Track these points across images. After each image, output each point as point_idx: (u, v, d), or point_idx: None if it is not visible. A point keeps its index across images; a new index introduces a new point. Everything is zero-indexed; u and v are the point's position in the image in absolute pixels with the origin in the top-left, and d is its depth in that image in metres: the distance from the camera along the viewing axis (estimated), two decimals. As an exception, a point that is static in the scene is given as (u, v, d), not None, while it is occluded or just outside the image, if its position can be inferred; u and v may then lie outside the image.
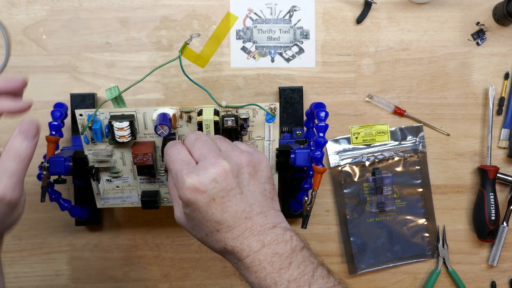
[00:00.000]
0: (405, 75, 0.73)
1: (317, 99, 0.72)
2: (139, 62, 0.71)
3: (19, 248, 0.72)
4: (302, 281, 0.44)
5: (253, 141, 0.57)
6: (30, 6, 0.71)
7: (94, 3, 0.71)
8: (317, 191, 0.59)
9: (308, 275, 0.44)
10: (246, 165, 0.47)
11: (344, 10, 0.72)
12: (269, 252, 0.45)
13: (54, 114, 0.63)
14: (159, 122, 0.53)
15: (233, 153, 0.47)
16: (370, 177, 0.73)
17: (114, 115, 0.55)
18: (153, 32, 0.71)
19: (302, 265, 0.45)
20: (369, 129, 0.73)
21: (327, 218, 0.74)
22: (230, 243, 0.46)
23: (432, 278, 0.73)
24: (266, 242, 0.45)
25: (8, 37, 0.71)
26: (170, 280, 0.73)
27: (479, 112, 0.74)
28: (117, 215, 0.73)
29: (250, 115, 0.55)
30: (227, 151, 0.48)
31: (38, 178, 0.60)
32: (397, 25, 0.73)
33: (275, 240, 0.46)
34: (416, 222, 0.74)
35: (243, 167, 0.47)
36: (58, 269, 0.72)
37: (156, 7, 0.71)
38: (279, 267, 0.44)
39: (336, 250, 0.74)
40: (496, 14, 0.72)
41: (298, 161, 0.59)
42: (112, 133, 0.54)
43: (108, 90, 0.55)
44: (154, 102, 0.72)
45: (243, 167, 0.47)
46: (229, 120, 0.54)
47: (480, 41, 0.73)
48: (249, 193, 0.47)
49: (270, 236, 0.46)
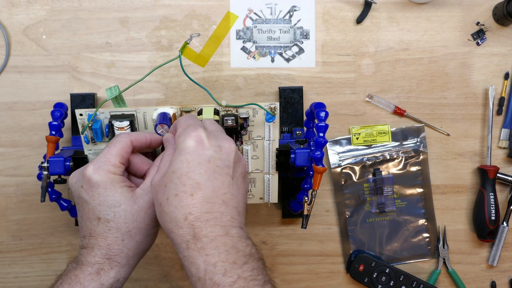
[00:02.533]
0: (405, 75, 0.73)
1: (317, 99, 0.72)
2: (139, 62, 0.71)
3: (19, 248, 0.72)
4: (252, 285, 0.42)
5: (253, 141, 0.57)
6: (30, 6, 0.71)
7: (94, 3, 0.71)
8: (317, 191, 0.59)
9: (258, 282, 0.43)
10: (243, 165, 0.49)
11: (344, 10, 0.72)
12: (230, 242, 0.43)
13: (54, 114, 0.63)
14: (159, 122, 0.53)
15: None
16: (371, 178, 0.73)
17: (114, 115, 0.55)
18: (153, 32, 0.71)
19: (256, 271, 0.43)
20: (370, 129, 0.73)
21: (327, 218, 0.74)
22: (197, 212, 0.44)
23: (432, 279, 0.73)
24: (230, 233, 0.44)
25: (8, 37, 0.71)
26: (170, 280, 0.73)
27: (479, 112, 0.74)
28: (117, 215, 0.73)
29: (250, 115, 0.55)
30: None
31: (38, 178, 0.60)
32: (397, 25, 0.73)
33: (239, 237, 0.45)
34: (416, 222, 0.74)
35: (242, 164, 0.49)
36: (58, 269, 0.72)
37: (156, 7, 0.71)
38: (233, 260, 0.43)
39: (336, 250, 0.74)
40: (496, 14, 0.72)
41: (298, 161, 0.59)
42: (113, 132, 0.54)
43: (108, 89, 0.55)
44: (154, 102, 0.72)
45: (242, 163, 0.49)
46: (229, 120, 0.54)
47: (480, 41, 0.73)
48: (236, 185, 0.47)
49: (235, 230, 0.45)
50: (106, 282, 0.47)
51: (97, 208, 0.48)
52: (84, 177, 0.48)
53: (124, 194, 0.48)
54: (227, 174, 0.46)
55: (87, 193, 0.48)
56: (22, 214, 0.72)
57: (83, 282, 0.46)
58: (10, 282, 0.72)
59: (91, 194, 0.48)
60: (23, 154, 0.71)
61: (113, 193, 0.48)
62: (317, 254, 0.74)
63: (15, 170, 0.71)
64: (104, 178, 0.48)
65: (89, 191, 0.48)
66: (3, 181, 0.71)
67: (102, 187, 0.47)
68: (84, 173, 0.48)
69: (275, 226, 0.73)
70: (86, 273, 0.47)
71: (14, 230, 0.72)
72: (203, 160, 0.45)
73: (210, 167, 0.45)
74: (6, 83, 0.71)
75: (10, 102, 0.71)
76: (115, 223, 0.48)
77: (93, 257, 0.47)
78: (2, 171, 0.71)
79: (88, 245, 0.48)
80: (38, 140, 0.71)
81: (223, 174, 0.46)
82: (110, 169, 0.48)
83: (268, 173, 0.60)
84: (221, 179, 0.46)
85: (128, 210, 0.48)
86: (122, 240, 0.48)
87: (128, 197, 0.48)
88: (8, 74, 0.71)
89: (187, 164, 0.45)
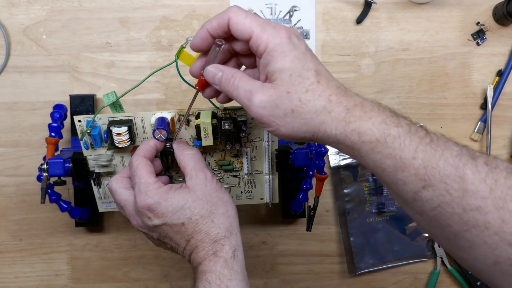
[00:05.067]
0: (405, 75, 0.73)
1: (317, 99, 0.72)
2: (139, 62, 0.71)
3: (19, 248, 0.72)
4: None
5: (252, 143, 0.57)
6: (30, 6, 0.71)
7: (94, 3, 0.71)
8: (319, 196, 0.61)
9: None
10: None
11: (344, 10, 0.72)
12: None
13: (54, 115, 0.63)
14: (157, 127, 0.53)
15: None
16: (370, 177, 0.73)
17: (112, 121, 0.55)
18: (153, 32, 0.71)
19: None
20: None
21: (327, 218, 0.74)
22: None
23: (432, 279, 0.73)
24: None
25: (8, 37, 0.71)
26: (170, 280, 0.73)
27: (479, 112, 0.74)
28: (117, 216, 0.73)
29: (248, 117, 0.55)
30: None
31: (38, 179, 0.60)
32: (397, 25, 0.72)
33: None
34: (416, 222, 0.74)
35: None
36: (58, 269, 0.73)
37: (156, 7, 0.71)
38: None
39: (336, 250, 0.74)
40: (496, 14, 0.72)
41: (298, 161, 0.59)
42: (111, 138, 0.54)
43: (105, 95, 0.55)
44: (154, 102, 0.72)
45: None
46: (226, 123, 0.54)
47: (480, 41, 0.73)
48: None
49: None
50: (226, 255, 0.48)
51: (174, 219, 0.48)
52: (141, 210, 0.49)
53: (181, 192, 0.49)
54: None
55: (158, 218, 0.48)
56: (22, 214, 0.72)
57: (214, 270, 0.47)
58: (10, 282, 0.72)
59: (160, 215, 0.48)
60: (23, 154, 0.71)
61: (173, 198, 0.48)
62: (317, 254, 0.74)
63: (15, 170, 0.71)
64: (157, 196, 0.48)
65: (156, 214, 0.48)
66: (3, 181, 0.72)
67: (163, 203, 0.48)
68: (139, 208, 0.49)
69: (275, 226, 0.73)
70: (207, 262, 0.47)
71: (14, 230, 0.72)
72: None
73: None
74: (6, 83, 0.71)
75: (10, 102, 0.71)
76: (195, 215, 0.48)
77: (202, 250, 0.48)
78: (2, 171, 0.71)
79: (192, 248, 0.49)
80: (38, 140, 0.71)
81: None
82: (154, 187, 0.49)
83: (268, 174, 0.60)
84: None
85: (195, 199, 0.49)
86: (212, 221, 0.49)
87: (186, 191, 0.49)
88: (8, 74, 0.71)
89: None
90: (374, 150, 0.40)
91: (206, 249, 0.48)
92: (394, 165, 0.39)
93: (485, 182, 0.36)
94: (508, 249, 0.35)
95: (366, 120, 0.40)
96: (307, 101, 0.41)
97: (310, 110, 0.41)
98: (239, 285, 0.47)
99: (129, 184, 0.52)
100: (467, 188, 0.36)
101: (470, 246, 0.38)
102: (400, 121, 0.40)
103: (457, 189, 0.37)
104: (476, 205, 0.36)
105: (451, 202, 0.37)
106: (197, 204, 0.48)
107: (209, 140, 0.54)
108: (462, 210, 0.37)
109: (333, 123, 0.41)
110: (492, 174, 0.36)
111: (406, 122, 0.40)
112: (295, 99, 0.41)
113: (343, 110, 0.41)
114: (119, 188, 0.51)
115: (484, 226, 0.36)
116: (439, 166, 0.38)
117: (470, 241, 0.37)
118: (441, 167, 0.38)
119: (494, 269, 0.37)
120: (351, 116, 0.40)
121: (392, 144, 0.39)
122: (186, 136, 0.56)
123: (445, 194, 0.37)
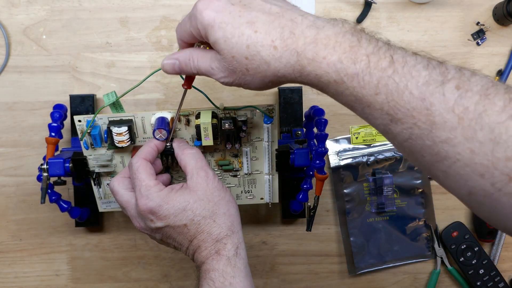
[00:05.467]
0: (405, 75, 0.73)
1: (317, 99, 0.72)
2: (139, 62, 0.71)
3: (19, 248, 0.72)
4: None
5: (252, 143, 0.57)
6: (30, 6, 0.71)
7: (94, 3, 0.71)
8: (319, 196, 0.61)
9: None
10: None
11: (344, 10, 0.72)
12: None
13: (54, 115, 0.63)
14: (157, 127, 0.53)
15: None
16: (370, 177, 0.73)
17: (112, 120, 0.55)
18: (153, 32, 0.71)
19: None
20: (370, 129, 0.73)
21: (327, 218, 0.74)
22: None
23: (432, 279, 0.73)
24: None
25: (8, 37, 0.71)
26: (170, 280, 0.73)
27: (479, 112, 0.73)
28: (117, 216, 0.73)
29: (248, 117, 0.55)
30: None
31: (38, 179, 0.60)
32: (397, 25, 0.72)
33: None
34: (416, 222, 0.74)
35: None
36: (58, 269, 0.73)
37: (156, 7, 0.71)
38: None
39: (336, 250, 0.74)
40: (496, 14, 0.72)
41: (298, 161, 0.59)
42: (111, 138, 0.54)
43: (105, 95, 0.55)
44: (154, 102, 0.72)
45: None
46: (226, 123, 0.54)
47: (480, 41, 0.73)
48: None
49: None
50: (228, 254, 0.48)
51: (176, 220, 0.48)
52: (144, 213, 0.48)
53: (182, 193, 0.49)
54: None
55: (160, 220, 0.48)
56: (22, 214, 0.72)
57: (217, 268, 0.47)
58: (10, 282, 0.72)
59: (162, 217, 0.48)
60: (23, 154, 0.71)
61: (175, 200, 0.48)
62: (317, 254, 0.74)
63: (15, 170, 0.71)
64: (159, 199, 0.48)
65: (159, 217, 0.48)
66: (3, 181, 0.71)
67: (164, 206, 0.48)
68: (141, 211, 0.48)
69: (275, 226, 0.73)
70: (210, 260, 0.48)
71: (14, 230, 0.72)
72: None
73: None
74: (6, 83, 0.71)
75: (10, 102, 0.71)
76: (197, 216, 0.48)
77: (205, 250, 0.48)
78: (2, 171, 0.71)
79: (195, 248, 0.49)
80: (38, 140, 0.71)
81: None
82: (155, 189, 0.49)
83: (268, 174, 0.60)
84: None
85: (196, 199, 0.49)
86: (214, 221, 0.49)
87: (187, 192, 0.49)
88: (8, 74, 0.71)
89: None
90: (337, 91, 0.39)
91: (209, 249, 0.48)
92: (359, 102, 0.38)
93: (454, 112, 0.34)
94: (480, 180, 0.34)
95: (319, 62, 0.38)
96: (253, 56, 0.40)
97: (260, 63, 0.40)
98: (242, 282, 0.47)
99: (130, 185, 0.52)
100: (434, 120, 0.34)
101: (445, 176, 0.36)
102: (358, 54, 0.37)
103: (425, 122, 0.35)
104: (445, 136, 0.34)
105: (421, 135, 0.35)
106: (198, 205, 0.48)
107: (209, 140, 0.54)
108: (432, 143, 0.35)
109: (288, 69, 0.39)
110: (462, 101, 0.34)
111: (367, 52, 0.37)
112: (241, 59, 0.40)
113: (293, 54, 0.39)
114: (120, 190, 0.51)
115: (454, 157, 0.34)
116: (404, 100, 0.35)
117: (444, 171, 0.36)
118: (406, 101, 0.35)
119: (470, 198, 0.35)
120: (303, 59, 0.38)
121: (351, 83, 0.37)
122: (186, 136, 0.56)
123: (413, 127, 0.36)
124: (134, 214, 0.50)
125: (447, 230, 0.73)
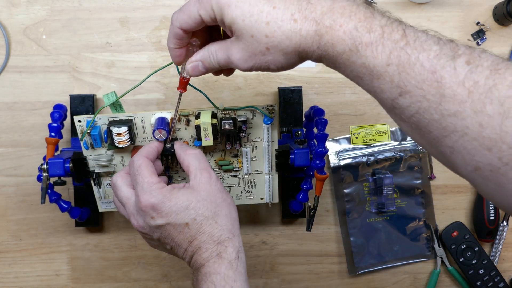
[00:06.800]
0: (405, 75, 0.73)
1: (317, 99, 0.72)
2: (139, 62, 0.71)
3: (19, 248, 0.72)
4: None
5: (252, 143, 0.57)
6: (30, 6, 0.71)
7: (94, 3, 0.71)
8: (319, 196, 0.61)
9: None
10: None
11: (344, 10, 0.72)
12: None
13: (54, 115, 0.63)
14: (157, 127, 0.53)
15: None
16: (370, 177, 0.73)
17: (112, 121, 0.55)
18: (153, 32, 0.71)
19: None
20: (369, 129, 0.73)
21: (327, 218, 0.74)
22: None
23: (432, 279, 0.73)
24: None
25: (8, 37, 0.71)
26: (170, 280, 0.73)
27: (479, 112, 0.73)
28: (117, 216, 0.73)
29: (248, 117, 0.55)
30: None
31: (38, 179, 0.60)
32: (397, 25, 0.72)
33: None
34: (416, 222, 0.74)
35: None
36: (58, 269, 0.73)
37: (156, 7, 0.71)
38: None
39: (336, 250, 0.74)
40: (496, 14, 0.72)
41: (298, 161, 0.59)
42: (111, 138, 0.54)
43: (105, 96, 0.55)
44: (154, 102, 0.72)
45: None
46: (226, 123, 0.54)
47: (480, 41, 0.73)
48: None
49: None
50: (230, 257, 0.48)
51: (178, 218, 0.48)
52: (145, 209, 0.48)
53: (185, 192, 0.49)
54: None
55: (162, 218, 0.48)
56: (22, 214, 0.72)
57: (219, 272, 0.47)
58: (10, 282, 0.72)
59: (164, 214, 0.48)
60: (23, 154, 0.71)
61: (178, 198, 0.48)
62: (317, 254, 0.74)
63: (15, 170, 0.71)
64: (161, 196, 0.48)
65: (160, 214, 0.48)
66: (3, 181, 0.71)
67: (167, 203, 0.48)
68: (142, 207, 0.48)
69: (275, 226, 0.73)
70: (211, 263, 0.47)
71: (14, 230, 0.72)
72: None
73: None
74: (6, 83, 0.71)
75: (10, 102, 0.71)
76: (199, 216, 0.48)
77: (206, 251, 0.48)
78: (2, 171, 0.71)
79: (195, 249, 0.49)
80: (38, 140, 0.71)
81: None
82: (157, 186, 0.49)
83: (268, 174, 0.60)
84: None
85: (199, 199, 0.48)
86: (216, 222, 0.48)
87: (189, 191, 0.49)
88: (8, 74, 0.71)
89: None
90: (349, 60, 0.39)
91: (210, 251, 0.48)
92: (370, 73, 0.38)
93: (464, 85, 0.34)
94: (487, 154, 0.34)
95: (336, 29, 0.38)
96: (274, 32, 0.39)
97: (281, 40, 0.40)
98: (243, 286, 0.47)
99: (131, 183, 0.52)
100: (444, 93, 0.35)
101: (451, 151, 0.36)
102: (373, 25, 0.38)
103: (434, 94, 0.35)
104: (454, 110, 0.34)
105: (429, 108, 0.36)
106: (201, 205, 0.48)
107: (209, 140, 0.54)
108: (440, 116, 0.35)
109: (308, 41, 0.39)
110: (472, 75, 0.34)
111: (381, 23, 0.38)
112: (261, 38, 0.40)
113: (312, 24, 0.39)
114: (123, 185, 0.51)
115: (462, 131, 0.34)
116: (414, 72, 0.36)
117: (450, 147, 0.36)
118: (417, 73, 0.36)
119: (475, 174, 0.35)
120: (321, 28, 0.39)
121: (365, 52, 0.38)
122: (186, 136, 0.56)
123: (422, 100, 0.36)
124: (133, 212, 0.50)
125: (447, 230, 0.73)
